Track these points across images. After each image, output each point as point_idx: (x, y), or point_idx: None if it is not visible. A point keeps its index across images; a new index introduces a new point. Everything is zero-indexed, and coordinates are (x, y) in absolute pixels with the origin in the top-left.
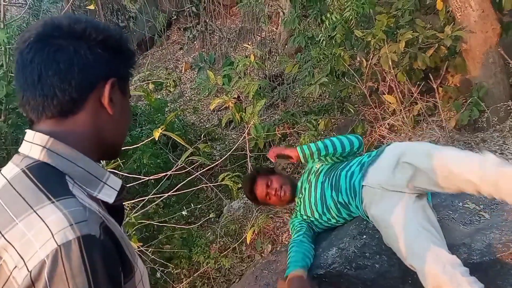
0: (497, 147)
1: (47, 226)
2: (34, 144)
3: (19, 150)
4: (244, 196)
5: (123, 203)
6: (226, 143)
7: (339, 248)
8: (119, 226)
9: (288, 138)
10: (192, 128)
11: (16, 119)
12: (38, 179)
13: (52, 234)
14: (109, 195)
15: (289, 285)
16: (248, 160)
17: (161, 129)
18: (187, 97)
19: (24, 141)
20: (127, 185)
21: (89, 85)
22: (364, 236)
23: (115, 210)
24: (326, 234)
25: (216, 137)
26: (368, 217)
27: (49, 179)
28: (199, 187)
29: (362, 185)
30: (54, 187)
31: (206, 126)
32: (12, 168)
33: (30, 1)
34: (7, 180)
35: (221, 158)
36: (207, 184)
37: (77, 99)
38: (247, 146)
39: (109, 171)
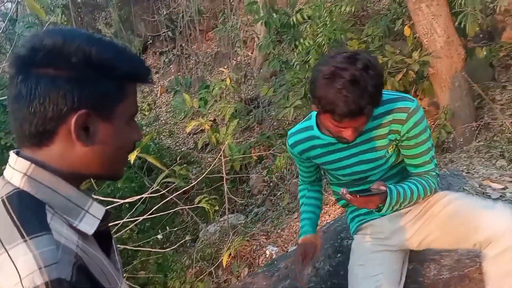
0: (464, 167)
1: (16, 269)
2: (15, 170)
3: (3, 173)
4: (220, 219)
5: (109, 228)
6: (202, 166)
7: (314, 267)
8: (105, 251)
9: (264, 160)
10: (167, 151)
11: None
12: (15, 211)
13: (20, 278)
14: (90, 224)
15: (300, 250)
16: (224, 182)
17: (136, 151)
18: (163, 121)
19: (7, 165)
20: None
21: (57, 117)
22: (339, 255)
23: (102, 235)
24: None
25: (192, 160)
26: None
27: (26, 212)
28: (174, 210)
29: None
30: (29, 222)
31: (182, 149)
32: None
33: (3, 25)
34: None
35: (197, 183)
36: (183, 207)
37: (45, 131)
38: (223, 168)
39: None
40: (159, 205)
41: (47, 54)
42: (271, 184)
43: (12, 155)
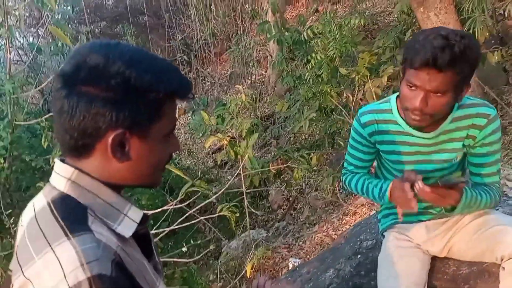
0: None
1: (61, 266)
2: (60, 176)
3: (50, 179)
4: (242, 235)
5: (148, 230)
6: (222, 183)
7: (335, 269)
8: (145, 253)
9: (283, 175)
10: (187, 171)
11: (19, 165)
12: (60, 213)
13: (64, 274)
14: (128, 227)
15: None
16: (244, 196)
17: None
18: (182, 141)
19: (53, 171)
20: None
21: (95, 134)
22: (359, 256)
23: (142, 237)
24: (322, 257)
25: (212, 178)
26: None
27: (70, 213)
28: (198, 221)
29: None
30: (73, 222)
31: (202, 168)
32: (41, 199)
33: (27, 59)
34: (34, 213)
35: (217, 199)
36: (206, 217)
37: (84, 145)
38: (243, 182)
39: None
40: (181, 218)
41: (89, 74)
42: (290, 198)
43: (57, 161)
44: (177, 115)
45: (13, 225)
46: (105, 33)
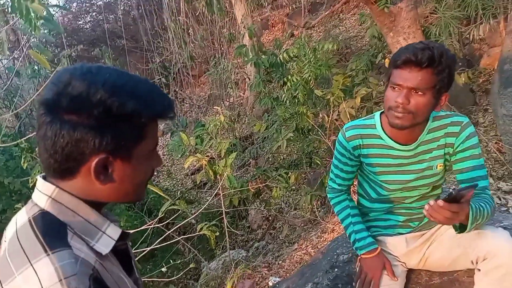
0: (453, 187)
1: (40, 282)
2: (41, 193)
3: (32, 196)
4: (221, 255)
5: (128, 247)
6: (202, 203)
7: (313, 283)
8: (126, 268)
9: (262, 195)
10: (166, 192)
11: (4, 193)
12: (40, 229)
13: None
14: (106, 245)
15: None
16: (224, 216)
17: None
18: None
19: (35, 188)
20: None
21: (78, 158)
22: (336, 269)
23: (122, 253)
24: (301, 272)
25: (191, 199)
26: None
27: (50, 230)
28: (176, 239)
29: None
30: (52, 238)
31: (180, 190)
32: (23, 215)
33: (1, 82)
34: (16, 229)
35: (196, 221)
36: (184, 240)
37: (67, 168)
38: (222, 202)
39: None
40: (160, 239)
41: (71, 102)
42: (269, 218)
43: (39, 179)
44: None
45: None
46: (82, 56)
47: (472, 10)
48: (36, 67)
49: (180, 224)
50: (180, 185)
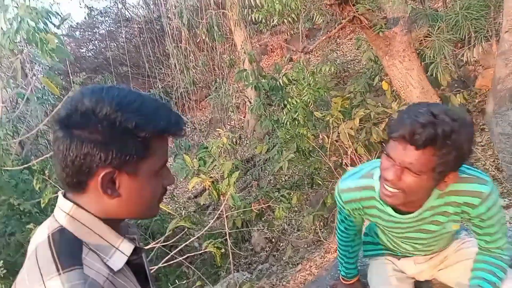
0: None
1: None
2: (61, 210)
3: (54, 211)
4: (225, 277)
5: (143, 261)
6: (205, 225)
7: None
8: (141, 281)
9: (265, 217)
10: (169, 217)
11: (6, 211)
12: (56, 247)
13: None
14: (118, 261)
15: None
16: (227, 238)
17: None
18: None
19: (57, 205)
20: None
21: (87, 172)
22: None
23: (138, 267)
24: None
25: (195, 221)
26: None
27: (65, 247)
28: (182, 258)
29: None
30: (66, 257)
31: (184, 212)
32: (44, 230)
33: (11, 107)
34: (36, 245)
35: (200, 244)
36: (188, 262)
37: (79, 182)
38: (226, 222)
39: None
40: (166, 258)
41: (80, 119)
42: (273, 239)
43: (59, 195)
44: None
45: None
46: (85, 83)
47: (464, 33)
48: (44, 94)
49: (184, 245)
50: (182, 209)
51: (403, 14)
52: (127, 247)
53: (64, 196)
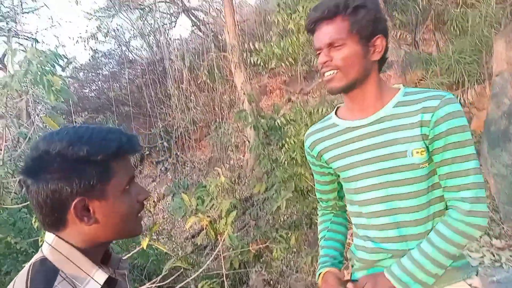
0: None
1: None
2: (45, 242)
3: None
4: None
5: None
6: (202, 267)
7: None
8: None
9: (263, 258)
10: (165, 256)
11: (3, 249)
12: (32, 273)
13: None
14: None
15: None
16: (224, 279)
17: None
18: (161, 226)
19: (44, 239)
20: None
21: (61, 207)
22: None
23: None
24: None
25: (192, 261)
26: None
27: (39, 275)
28: None
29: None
30: (37, 283)
31: (181, 253)
32: (30, 262)
33: (12, 146)
34: (21, 272)
35: (196, 287)
36: None
37: (57, 219)
38: (223, 263)
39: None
40: None
41: (39, 162)
42: (271, 282)
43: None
44: (131, 166)
45: None
46: (87, 122)
47: (457, 77)
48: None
49: (179, 286)
50: (180, 249)
51: (396, 58)
52: (101, 276)
53: None
